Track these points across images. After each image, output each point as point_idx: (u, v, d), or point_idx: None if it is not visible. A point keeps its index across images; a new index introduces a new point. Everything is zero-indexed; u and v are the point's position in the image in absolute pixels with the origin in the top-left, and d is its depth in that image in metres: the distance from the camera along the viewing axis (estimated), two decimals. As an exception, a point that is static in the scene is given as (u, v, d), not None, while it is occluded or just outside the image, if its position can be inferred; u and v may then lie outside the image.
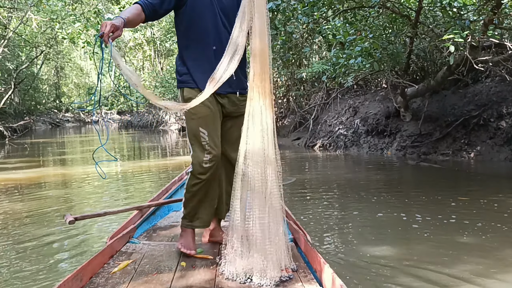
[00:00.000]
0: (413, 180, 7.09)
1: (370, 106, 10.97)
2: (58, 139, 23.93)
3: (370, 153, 9.89)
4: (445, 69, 7.49)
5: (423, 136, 9.04)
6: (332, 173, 8.02)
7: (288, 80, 14.60)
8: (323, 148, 11.17)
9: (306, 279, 2.03)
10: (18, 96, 30.31)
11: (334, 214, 4.92)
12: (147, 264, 2.25)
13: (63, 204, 5.85)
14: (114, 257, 2.35)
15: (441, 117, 9.00)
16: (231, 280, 2.02)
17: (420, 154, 8.79)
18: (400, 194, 5.88)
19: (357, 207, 5.13)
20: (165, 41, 26.84)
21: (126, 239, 2.62)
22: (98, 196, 6.56)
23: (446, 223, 4.29)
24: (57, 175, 9.05)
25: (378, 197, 5.65)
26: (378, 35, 5.67)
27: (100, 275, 2.09)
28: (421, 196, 5.56)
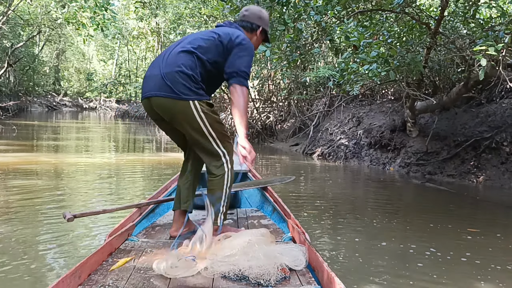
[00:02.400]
0: (417, 202, 6.55)
1: (375, 118, 10.44)
2: (52, 123, 23.33)
3: (371, 167, 9.36)
4: (461, 85, 6.96)
5: (430, 155, 8.51)
6: (328, 187, 7.48)
7: (291, 83, 14.07)
8: (322, 157, 10.64)
9: (305, 279, 2.00)
10: (15, 76, 29.58)
11: (322, 238, 4.38)
12: (145, 261, 2.24)
13: (53, 197, 5.49)
14: (113, 254, 2.35)
15: (450, 136, 8.48)
16: (229, 278, 1.99)
17: (425, 173, 8.26)
18: (401, 218, 5.35)
19: (351, 231, 4.59)
20: (169, 33, 26.29)
21: (125, 236, 2.62)
22: (88, 189, 6.09)
23: (454, 260, 3.75)
24: (43, 162, 8.48)
25: (376, 220, 5.12)
26: (396, 42, 5.14)
27: (99, 272, 2.08)
28: (426, 223, 5.02)
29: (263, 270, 1.98)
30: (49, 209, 4.88)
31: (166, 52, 2.51)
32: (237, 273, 2.00)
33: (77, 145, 12.89)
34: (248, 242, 2.20)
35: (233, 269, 2.02)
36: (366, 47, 4.74)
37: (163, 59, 2.45)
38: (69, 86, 49.17)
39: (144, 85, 2.50)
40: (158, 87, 2.38)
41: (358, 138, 10.10)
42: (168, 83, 2.34)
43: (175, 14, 20.83)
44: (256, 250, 2.12)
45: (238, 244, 2.20)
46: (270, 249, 2.15)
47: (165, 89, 2.35)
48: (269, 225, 3.03)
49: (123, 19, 31.27)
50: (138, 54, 39.42)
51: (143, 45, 36.51)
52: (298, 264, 2.10)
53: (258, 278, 1.95)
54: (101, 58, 44.81)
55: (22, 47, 28.07)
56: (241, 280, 1.97)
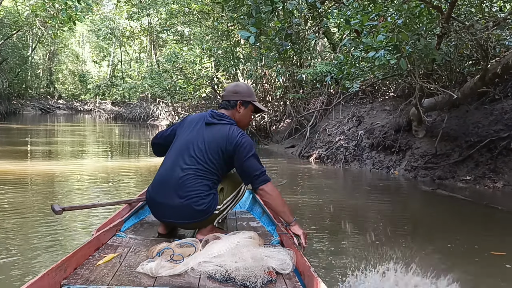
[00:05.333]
0: (428, 214, 5.67)
1: (377, 117, 9.57)
2: (41, 126, 22.44)
3: (374, 171, 8.50)
4: (477, 79, 6.09)
5: (439, 157, 7.65)
6: (325, 194, 6.64)
7: (287, 81, 13.21)
8: (319, 160, 9.77)
9: (291, 283, 1.99)
10: (6, 78, 28.67)
11: (316, 259, 3.54)
12: (132, 258, 2.23)
13: (40, 194, 5.54)
14: (99, 249, 2.33)
15: (462, 136, 7.62)
16: (215, 279, 1.97)
17: (435, 178, 7.39)
18: (409, 235, 4.50)
19: (348, 252, 3.75)
20: (161, 32, 25.46)
21: (113, 232, 2.60)
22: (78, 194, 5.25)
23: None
24: (30, 171, 7.62)
25: (379, 236, 4.28)
26: (406, 25, 4.28)
27: (85, 267, 2.06)
28: (440, 242, 4.16)
29: (250, 272, 1.97)
30: (36, 204, 4.96)
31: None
32: (223, 274, 1.99)
33: (64, 150, 12.03)
34: (237, 244, 2.18)
35: (219, 270, 2.01)
36: (370, 31, 3.89)
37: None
38: (64, 89, 48.32)
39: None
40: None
41: (359, 139, 9.23)
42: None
43: (167, 12, 20.00)
44: (244, 252, 2.10)
45: (226, 245, 2.17)
46: (258, 252, 2.14)
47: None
48: (258, 228, 3.01)
49: (115, 18, 30.41)
50: (131, 55, 38.61)
51: (136, 46, 35.71)
52: (285, 267, 2.09)
53: (245, 280, 1.94)
54: (94, 59, 43.97)
55: (9, 48, 27.24)
56: (227, 281, 1.96)
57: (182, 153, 2.55)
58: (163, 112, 25.45)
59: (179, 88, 15.71)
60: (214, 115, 2.64)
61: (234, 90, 2.75)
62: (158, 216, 2.64)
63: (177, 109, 21.30)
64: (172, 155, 2.60)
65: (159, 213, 2.61)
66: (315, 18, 4.94)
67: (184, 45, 17.72)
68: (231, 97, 2.73)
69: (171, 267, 2.04)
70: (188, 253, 2.20)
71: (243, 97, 2.72)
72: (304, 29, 5.28)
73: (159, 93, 18.24)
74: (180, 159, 2.54)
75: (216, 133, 2.57)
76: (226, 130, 2.57)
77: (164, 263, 2.06)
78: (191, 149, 2.54)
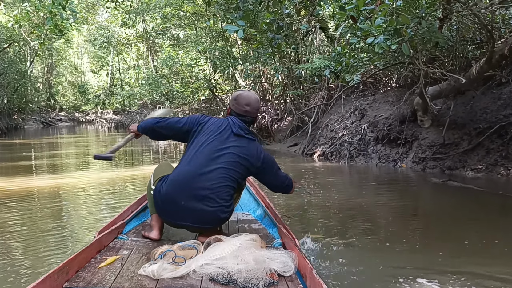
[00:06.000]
0: (441, 208, 5.35)
1: (380, 109, 9.26)
2: (46, 139, 22.22)
3: (380, 165, 8.18)
4: (484, 62, 5.77)
5: (447, 147, 7.33)
6: (331, 192, 6.34)
7: (286, 78, 12.91)
8: (323, 157, 9.46)
9: (293, 285, 1.98)
10: (3, 93, 28.51)
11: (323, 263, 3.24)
12: (134, 260, 2.22)
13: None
14: (101, 252, 2.32)
15: (469, 123, 7.30)
16: (217, 281, 1.96)
17: (444, 168, 7.08)
18: (422, 233, 4.20)
19: (359, 256, 3.45)
20: (157, 37, 25.20)
21: (115, 234, 2.59)
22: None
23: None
24: (34, 186, 7.38)
25: (391, 237, 3.97)
26: (406, 7, 3.96)
27: (87, 269, 2.06)
28: (457, 238, 3.86)
29: (252, 274, 1.97)
30: (41, 206, 5.00)
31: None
32: (225, 276, 1.98)
33: (67, 162, 11.79)
34: (239, 246, 2.16)
35: (221, 272, 2.01)
36: (367, 17, 3.60)
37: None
38: (64, 101, 48.23)
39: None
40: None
41: (363, 133, 8.92)
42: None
43: (162, 17, 19.73)
44: (245, 255, 2.10)
45: (228, 247, 2.17)
46: (260, 254, 2.13)
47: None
48: (260, 230, 2.98)
49: (110, 27, 30.21)
50: (129, 62, 38.45)
51: (134, 53, 35.51)
52: (287, 270, 2.09)
53: (247, 282, 1.94)
54: (93, 69, 43.85)
55: (6, 63, 27.07)
56: (229, 283, 1.95)
57: (212, 158, 2.52)
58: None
59: (177, 92, 15.44)
60: (242, 127, 2.64)
61: (259, 107, 2.80)
62: (169, 217, 2.56)
63: (177, 114, 21.05)
64: (200, 157, 2.53)
65: (172, 214, 2.53)
66: (307, 7, 4.66)
67: (180, 49, 17.48)
68: (255, 113, 2.75)
69: (173, 269, 2.04)
70: (190, 256, 2.19)
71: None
72: (297, 20, 4.99)
73: (158, 98, 18.00)
74: (212, 164, 2.51)
75: (247, 147, 2.61)
76: (255, 147, 2.65)
77: (166, 265, 2.06)
78: (223, 157, 2.54)
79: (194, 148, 2.58)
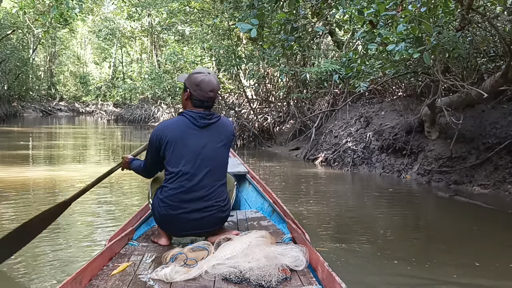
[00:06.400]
0: (447, 225, 5.16)
1: (386, 117, 9.09)
2: (45, 129, 22.03)
3: (384, 175, 8.01)
4: (499, 75, 5.61)
5: (454, 160, 7.16)
6: (332, 201, 6.19)
7: (290, 81, 12.73)
8: (326, 164, 9.29)
9: (306, 279, 1.98)
10: (4, 80, 28.28)
11: None
12: (146, 265, 2.23)
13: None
14: (113, 259, 2.33)
15: (478, 138, 7.13)
16: (230, 280, 1.97)
17: (450, 182, 6.91)
18: (426, 250, 4.02)
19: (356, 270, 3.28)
20: (162, 32, 25.00)
21: (125, 241, 2.60)
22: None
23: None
24: (30, 177, 7.20)
25: (391, 253, 3.80)
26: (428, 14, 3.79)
27: (100, 277, 2.07)
28: (464, 258, 3.68)
29: (264, 271, 1.97)
30: (36, 198, 4.95)
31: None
32: (238, 275, 1.98)
33: (65, 154, 11.60)
34: (249, 244, 2.16)
35: (234, 271, 2.00)
36: (387, 22, 3.42)
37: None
38: (65, 91, 47.99)
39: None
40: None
41: (368, 141, 8.75)
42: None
43: (168, 12, 19.52)
44: (256, 252, 2.10)
45: (238, 246, 2.17)
46: (271, 250, 2.13)
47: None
48: (269, 226, 2.98)
49: (115, 18, 30.00)
50: (132, 56, 38.25)
51: (138, 47, 35.32)
52: (298, 264, 2.09)
53: (259, 280, 1.93)
54: (96, 60, 43.64)
55: (9, 49, 26.85)
56: (242, 282, 1.95)
57: (197, 165, 2.48)
58: (164, 113, 25.05)
59: (179, 89, 15.25)
60: (203, 115, 2.54)
61: (218, 89, 2.65)
62: (172, 232, 2.59)
63: (178, 110, 20.86)
64: (185, 170, 2.48)
65: (174, 229, 2.57)
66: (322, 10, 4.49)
67: (185, 45, 17.29)
68: (216, 97, 2.66)
69: (185, 271, 2.04)
70: (201, 257, 2.20)
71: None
72: (312, 22, 4.82)
73: (159, 94, 17.81)
74: (199, 172, 2.48)
75: (218, 130, 2.58)
76: (224, 123, 2.63)
77: (178, 268, 2.06)
78: (205, 159, 2.50)
79: (176, 163, 2.49)
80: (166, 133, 2.51)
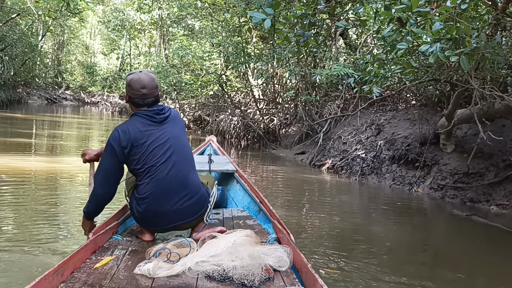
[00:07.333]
0: (464, 250, 4.73)
1: (399, 126, 8.65)
2: (49, 117, 21.69)
3: (394, 187, 7.58)
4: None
5: (471, 176, 6.72)
6: (336, 213, 5.79)
7: (299, 82, 12.31)
8: (333, 171, 8.86)
9: (289, 279, 1.98)
10: (9, 65, 27.95)
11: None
12: (129, 260, 2.21)
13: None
14: (96, 252, 2.31)
15: (498, 154, 6.69)
16: (213, 278, 1.97)
17: (466, 200, 6.47)
18: (437, 277, 3.59)
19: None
20: (171, 26, 24.63)
21: (109, 234, 2.58)
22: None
23: None
24: (31, 167, 6.85)
25: (397, 278, 3.38)
26: (466, 13, 3.37)
27: (82, 270, 2.05)
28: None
29: (247, 270, 1.96)
30: (33, 207, 4.74)
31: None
32: (221, 273, 1.97)
33: (66, 145, 11.24)
34: (233, 243, 2.15)
35: (217, 269, 1.99)
36: (417, 21, 3.00)
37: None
38: (72, 80, 47.73)
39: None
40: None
41: (378, 150, 8.32)
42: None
43: (179, 6, 19.15)
44: (241, 251, 2.09)
45: (223, 244, 2.15)
46: (255, 250, 2.12)
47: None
48: (255, 226, 2.97)
49: (125, 10, 29.68)
50: (140, 49, 37.92)
51: (146, 40, 34.98)
52: (282, 265, 2.08)
53: (242, 279, 1.92)
54: (103, 51, 43.35)
55: (16, 35, 26.54)
56: (225, 280, 1.94)
57: (164, 160, 2.47)
58: (171, 106, 24.69)
59: (185, 84, 14.87)
60: (157, 111, 2.54)
61: (156, 84, 2.60)
62: (154, 227, 2.57)
63: (183, 106, 20.47)
64: (156, 167, 2.46)
65: (156, 225, 2.54)
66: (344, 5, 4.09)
67: (194, 40, 16.90)
68: (155, 92, 2.59)
69: (168, 267, 2.03)
70: (185, 253, 2.18)
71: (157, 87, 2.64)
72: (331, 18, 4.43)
73: (165, 88, 17.43)
74: (172, 161, 2.48)
75: (176, 121, 2.62)
76: (178, 113, 2.68)
77: (162, 264, 2.06)
78: (173, 154, 2.50)
79: (146, 160, 2.46)
80: (128, 136, 2.45)
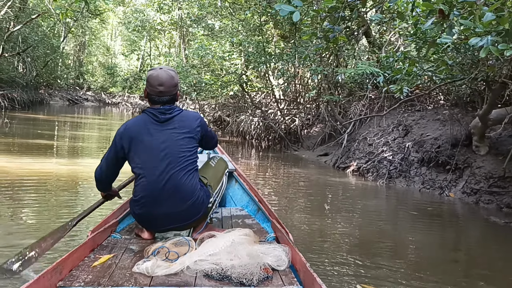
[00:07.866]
0: (504, 262, 4.39)
1: (427, 127, 8.28)
2: (69, 117, 21.90)
3: (424, 191, 7.23)
4: None
5: (507, 181, 6.34)
6: (361, 218, 5.50)
7: (322, 82, 11.99)
8: (358, 173, 8.54)
9: (287, 279, 1.97)
10: (32, 66, 28.23)
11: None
12: (128, 258, 2.20)
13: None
14: (95, 250, 2.31)
15: (536, 157, 6.30)
16: (211, 277, 1.96)
17: (503, 205, 6.10)
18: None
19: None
20: (191, 26, 24.54)
21: (108, 233, 2.58)
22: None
23: None
24: (51, 170, 6.74)
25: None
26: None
27: (80, 268, 2.05)
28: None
29: (246, 269, 1.95)
30: (30, 203, 4.81)
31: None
32: (219, 272, 1.97)
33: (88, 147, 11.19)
34: (232, 242, 2.16)
35: (215, 268, 1.99)
36: (461, 12, 2.72)
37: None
38: (93, 81, 48.27)
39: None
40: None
41: (406, 152, 7.97)
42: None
43: (200, 6, 19.00)
44: (239, 250, 2.09)
45: (221, 243, 2.16)
46: (253, 249, 2.12)
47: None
48: (253, 225, 2.95)
49: (145, 10, 29.74)
50: (160, 49, 38.05)
51: (167, 40, 35.04)
52: (280, 264, 2.08)
53: (241, 278, 1.92)
54: (124, 52, 43.68)
55: (38, 36, 26.80)
56: (223, 279, 1.94)
57: (162, 158, 2.46)
58: (189, 109, 24.58)
59: (205, 84, 14.69)
60: (163, 111, 2.53)
61: (175, 83, 2.58)
62: (156, 227, 2.57)
63: (203, 106, 20.34)
64: (152, 165, 2.47)
65: (154, 226, 2.56)
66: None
67: (214, 40, 16.72)
68: (173, 91, 2.58)
69: (167, 266, 2.03)
70: (184, 252, 2.18)
71: (177, 85, 2.61)
72: (365, 10, 4.17)
73: (185, 89, 17.30)
74: (165, 164, 2.45)
75: (184, 122, 2.56)
76: (187, 116, 2.59)
77: (160, 262, 2.06)
78: (165, 148, 2.47)
79: (141, 161, 2.49)
80: (127, 133, 2.51)
